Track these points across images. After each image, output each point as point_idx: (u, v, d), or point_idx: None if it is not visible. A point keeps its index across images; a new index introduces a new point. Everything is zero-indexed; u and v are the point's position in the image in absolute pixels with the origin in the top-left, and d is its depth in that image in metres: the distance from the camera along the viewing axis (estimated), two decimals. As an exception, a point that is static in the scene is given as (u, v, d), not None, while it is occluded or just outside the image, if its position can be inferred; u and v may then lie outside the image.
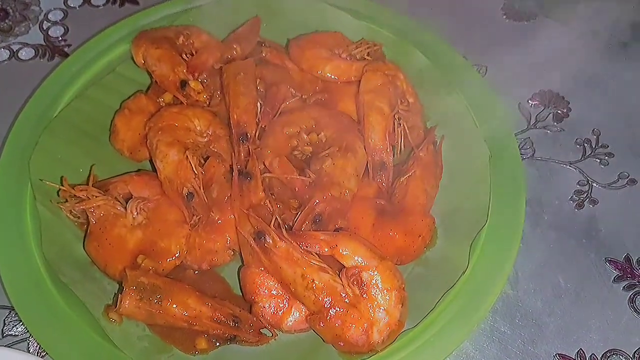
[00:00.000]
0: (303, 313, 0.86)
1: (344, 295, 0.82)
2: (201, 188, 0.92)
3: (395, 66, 1.08)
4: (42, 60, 1.27)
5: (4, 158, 0.99)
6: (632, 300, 0.95)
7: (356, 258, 0.84)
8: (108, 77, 1.11)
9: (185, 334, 0.86)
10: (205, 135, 1.00)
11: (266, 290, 0.87)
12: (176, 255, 0.90)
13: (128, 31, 1.17)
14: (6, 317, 0.92)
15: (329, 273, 0.83)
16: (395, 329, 0.83)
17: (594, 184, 1.08)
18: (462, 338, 0.85)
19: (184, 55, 1.08)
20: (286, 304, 0.87)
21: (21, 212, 0.94)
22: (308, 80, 1.10)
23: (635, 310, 0.94)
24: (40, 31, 1.33)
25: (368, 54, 1.12)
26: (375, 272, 0.83)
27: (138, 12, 1.22)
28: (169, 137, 0.96)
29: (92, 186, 0.94)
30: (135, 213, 0.92)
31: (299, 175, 0.93)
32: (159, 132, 0.96)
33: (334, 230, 0.90)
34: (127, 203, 0.93)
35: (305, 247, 0.85)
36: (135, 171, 1.00)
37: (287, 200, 0.94)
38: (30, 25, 1.34)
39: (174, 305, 0.84)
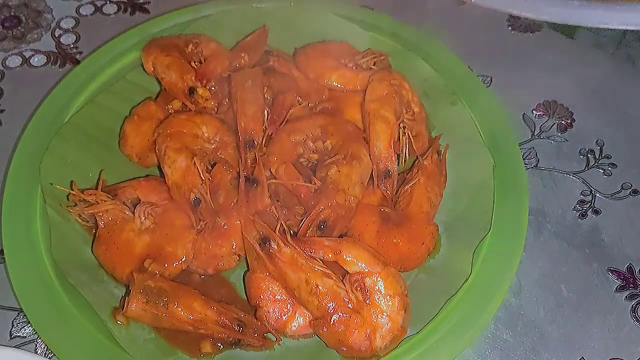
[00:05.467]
0: (307, 318, 0.86)
1: (347, 300, 0.83)
2: (208, 194, 0.93)
3: (401, 76, 1.09)
4: (53, 67, 1.29)
5: (16, 162, 1.01)
6: (634, 310, 0.95)
7: (360, 264, 0.85)
8: (118, 84, 1.13)
9: (190, 337, 0.87)
10: (212, 141, 1.01)
11: (271, 295, 0.87)
12: (183, 259, 0.91)
13: (138, 39, 1.19)
14: (14, 319, 0.93)
15: (332, 279, 0.84)
16: (398, 334, 0.84)
17: (597, 194, 1.09)
18: (464, 345, 0.85)
19: (192, 63, 1.10)
20: (290, 309, 0.87)
21: (31, 215, 0.96)
22: (315, 88, 1.10)
23: (637, 320, 0.94)
24: (52, 38, 1.35)
25: (374, 64, 1.13)
26: (379, 278, 0.84)
27: (148, 21, 1.24)
28: (177, 143, 0.97)
29: (101, 191, 0.95)
30: (143, 218, 0.93)
31: (305, 182, 0.94)
32: (168, 139, 0.98)
33: (338, 237, 0.91)
34: (135, 208, 0.94)
35: (309, 253, 0.85)
36: (143, 177, 1.02)
37: (292, 206, 0.95)
38: (43, 32, 1.36)
39: (180, 309, 0.85)
